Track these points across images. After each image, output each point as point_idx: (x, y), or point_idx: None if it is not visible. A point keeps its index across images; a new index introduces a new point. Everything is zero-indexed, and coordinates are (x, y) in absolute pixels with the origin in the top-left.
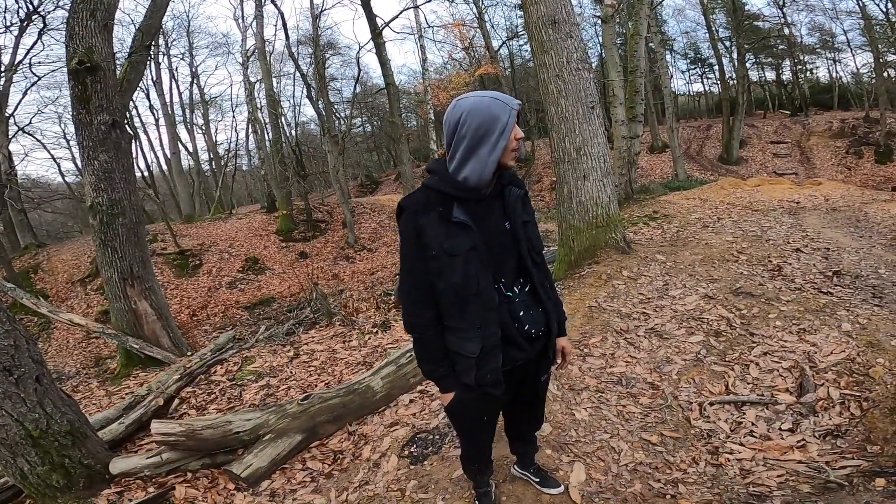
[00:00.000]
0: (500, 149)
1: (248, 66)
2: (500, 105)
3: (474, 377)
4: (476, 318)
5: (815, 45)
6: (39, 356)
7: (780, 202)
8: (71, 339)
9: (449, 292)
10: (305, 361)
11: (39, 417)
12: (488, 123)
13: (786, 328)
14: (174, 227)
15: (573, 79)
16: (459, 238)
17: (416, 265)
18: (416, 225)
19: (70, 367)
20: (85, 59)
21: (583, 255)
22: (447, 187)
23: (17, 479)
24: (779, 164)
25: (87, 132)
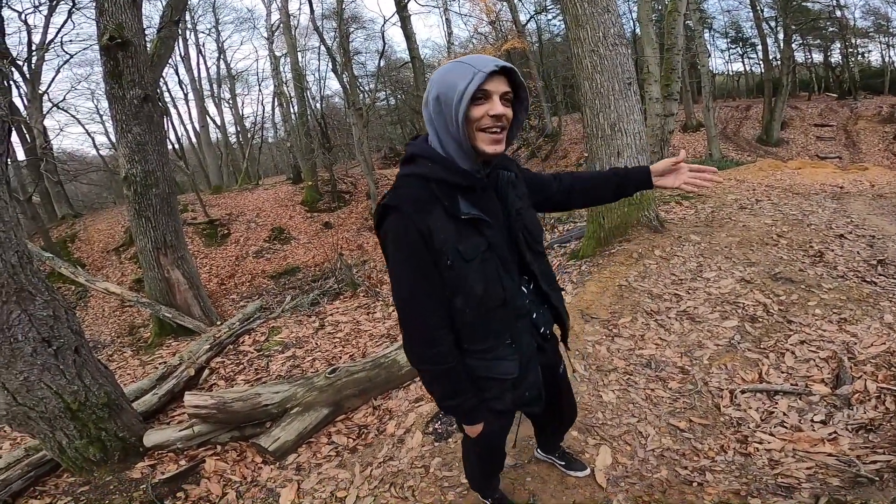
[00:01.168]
0: (457, 124)
1: (273, 41)
2: (461, 70)
3: (510, 399)
4: (505, 331)
5: (869, 29)
6: (78, 326)
7: (822, 186)
8: (106, 308)
9: (471, 309)
10: (330, 332)
11: (78, 390)
12: (445, 93)
13: (825, 317)
14: (203, 198)
15: (609, 54)
16: (473, 238)
17: (428, 280)
18: (422, 226)
19: (106, 336)
20: (116, 34)
21: (613, 233)
22: (447, 174)
23: (56, 452)
24: (822, 148)
25: (120, 106)
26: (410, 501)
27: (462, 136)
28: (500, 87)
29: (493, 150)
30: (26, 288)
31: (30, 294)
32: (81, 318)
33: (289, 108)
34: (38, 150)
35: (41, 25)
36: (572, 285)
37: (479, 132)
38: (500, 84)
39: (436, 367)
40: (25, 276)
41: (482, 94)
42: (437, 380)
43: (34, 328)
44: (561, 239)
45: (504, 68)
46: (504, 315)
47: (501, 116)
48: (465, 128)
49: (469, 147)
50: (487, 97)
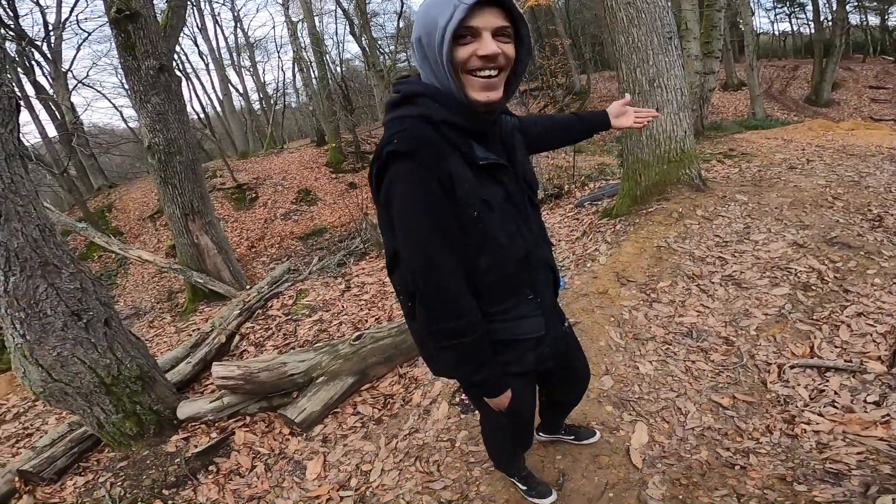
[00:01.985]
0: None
1: (288, 7)
2: (442, 2)
3: (533, 359)
4: (525, 285)
5: None
6: (107, 298)
7: (878, 148)
8: (145, 274)
9: (497, 266)
10: (356, 294)
11: (111, 363)
12: (427, 33)
13: (885, 287)
14: (231, 163)
15: (647, 6)
16: (491, 186)
17: (449, 239)
18: (443, 174)
19: (146, 302)
20: (123, 6)
21: (650, 191)
22: (458, 116)
23: (95, 428)
24: (876, 110)
25: (136, 77)
26: (435, 476)
27: (452, 83)
28: (491, 21)
29: (485, 98)
30: (51, 261)
31: (55, 267)
32: (123, 284)
33: (309, 72)
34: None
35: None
36: (606, 245)
37: (468, 76)
38: (492, 17)
39: (464, 339)
40: (49, 249)
41: (467, 31)
42: (464, 355)
43: (62, 302)
44: (592, 196)
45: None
46: (526, 268)
47: (495, 56)
48: (452, 74)
49: (461, 96)
50: (475, 34)
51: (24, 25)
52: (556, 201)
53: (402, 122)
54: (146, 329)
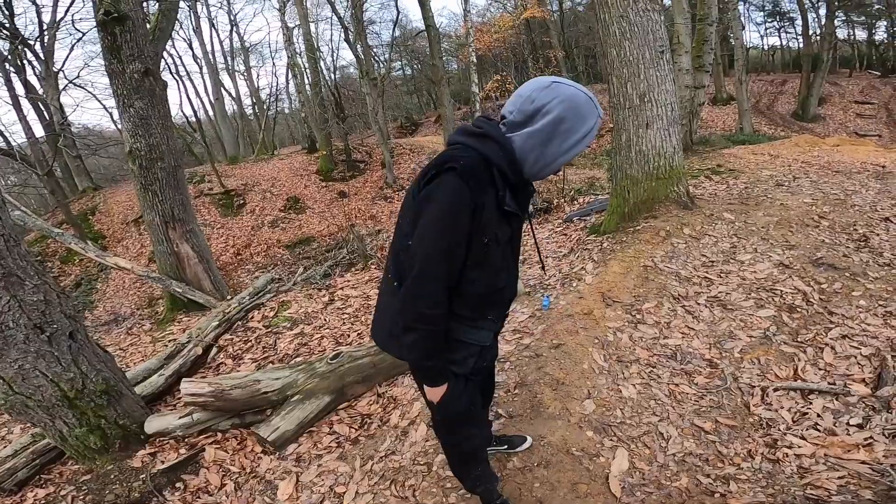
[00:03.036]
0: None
1: (284, 12)
2: (591, 108)
3: (472, 365)
4: (497, 308)
5: None
6: (73, 311)
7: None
8: (126, 280)
9: (482, 283)
10: (340, 308)
11: (75, 377)
12: (572, 121)
13: (870, 309)
14: (219, 168)
15: (640, 20)
16: (504, 227)
17: (458, 249)
18: (478, 202)
19: (126, 309)
20: (111, 9)
21: (638, 208)
22: (509, 168)
23: (58, 440)
24: (861, 125)
25: (120, 81)
26: (411, 501)
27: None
28: None
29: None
30: (14, 272)
31: (18, 279)
32: (103, 290)
33: (302, 79)
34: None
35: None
36: (593, 264)
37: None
38: None
39: (430, 326)
40: (13, 260)
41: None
42: (426, 339)
43: (25, 314)
44: (581, 212)
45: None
46: (500, 297)
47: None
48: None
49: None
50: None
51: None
52: (546, 216)
53: (468, 151)
54: (123, 336)
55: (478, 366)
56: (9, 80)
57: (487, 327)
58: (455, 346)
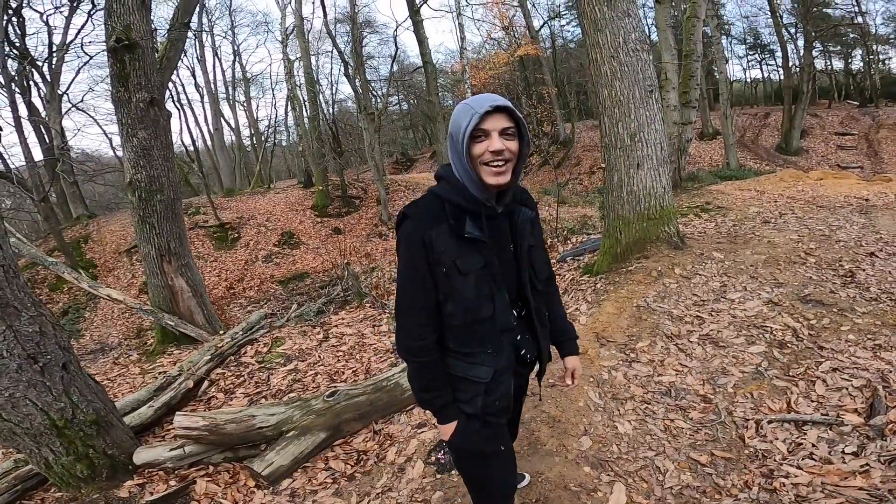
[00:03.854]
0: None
1: (287, 45)
2: (465, 109)
3: (480, 405)
4: (489, 340)
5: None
6: (66, 342)
7: (847, 198)
8: (115, 310)
9: (459, 315)
10: (334, 345)
11: (65, 407)
12: (454, 132)
13: (859, 343)
14: (215, 200)
15: (630, 60)
16: (472, 255)
17: (423, 282)
18: (425, 236)
19: (113, 338)
20: (123, 36)
21: (630, 249)
22: (458, 198)
23: (42, 468)
24: (843, 157)
25: (126, 110)
26: None
27: (470, 169)
28: (498, 123)
29: (495, 182)
30: (12, 303)
31: (15, 309)
32: (91, 318)
33: (301, 111)
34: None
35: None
36: (587, 305)
37: (483, 166)
38: (500, 121)
39: (416, 358)
40: (11, 291)
41: (481, 133)
42: (417, 371)
43: (19, 344)
44: (574, 251)
45: (498, 107)
46: (490, 327)
47: (501, 151)
48: (470, 162)
49: (477, 179)
50: (486, 134)
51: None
52: None
53: (423, 196)
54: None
55: (490, 405)
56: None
57: (485, 362)
58: (458, 383)
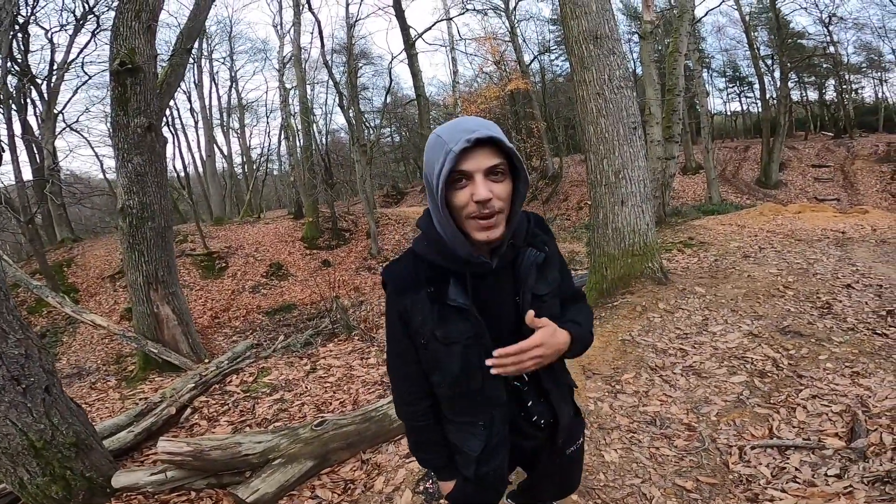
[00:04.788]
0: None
1: (283, 73)
2: (437, 145)
3: (474, 472)
4: (480, 414)
5: (861, 65)
6: (51, 366)
7: (824, 231)
8: (95, 335)
9: (445, 386)
10: (322, 376)
11: (45, 428)
12: (427, 171)
13: (837, 371)
14: (204, 229)
15: (615, 97)
16: (457, 324)
17: (403, 355)
18: (401, 307)
19: (91, 363)
20: (127, 59)
21: (616, 284)
22: (437, 257)
23: (16, 488)
24: (820, 190)
25: (123, 134)
26: None
27: (448, 223)
28: (482, 162)
29: (485, 238)
30: (0, 326)
31: (3, 332)
32: (69, 343)
33: (295, 141)
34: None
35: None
36: None
37: (467, 220)
38: (483, 158)
39: (408, 422)
40: (1, 314)
41: (461, 175)
42: (410, 433)
43: (4, 366)
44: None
45: (479, 139)
46: (480, 400)
47: (488, 200)
48: (446, 215)
49: (459, 234)
50: (468, 177)
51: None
52: None
53: (404, 254)
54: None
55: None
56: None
57: (476, 434)
58: (455, 448)
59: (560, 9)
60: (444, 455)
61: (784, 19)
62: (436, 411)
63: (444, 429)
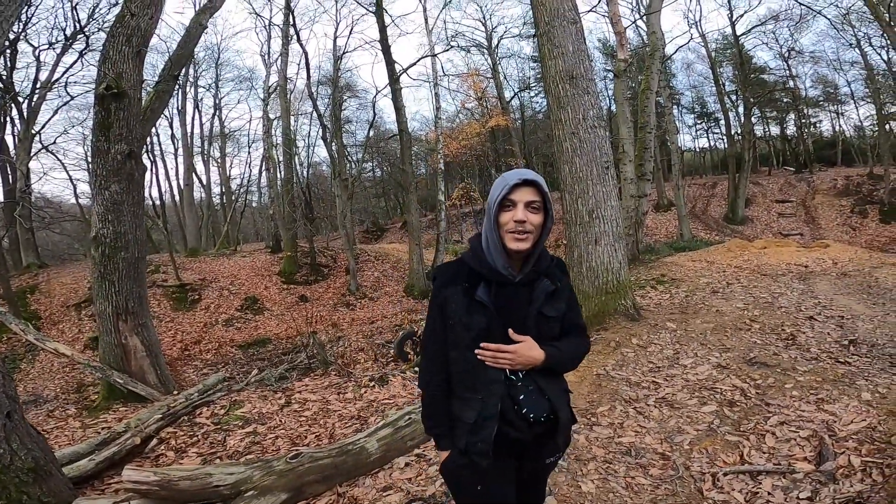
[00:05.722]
0: (490, 225)
1: (268, 103)
2: (498, 182)
3: (465, 443)
4: (481, 387)
5: (819, 98)
6: (14, 392)
7: (788, 265)
8: (55, 363)
9: (460, 361)
10: (297, 410)
11: (3, 453)
12: (488, 201)
13: (803, 398)
14: (178, 260)
15: (589, 136)
16: (477, 315)
17: (437, 331)
18: (443, 294)
19: (49, 391)
20: (113, 84)
21: (590, 322)
22: (476, 264)
23: None
24: (784, 225)
25: (102, 161)
26: None
27: (494, 234)
28: (525, 196)
29: (515, 247)
30: None
31: None
32: (27, 370)
33: (276, 172)
34: (17, 193)
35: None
36: None
37: (507, 234)
38: (527, 194)
39: (427, 391)
40: None
41: (509, 203)
42: (425, 402)
43: None
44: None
45: (526, 180)
46: (482, 378)
47: (523, 222)
48: (496, 228)
49: (499, 244)
50: (514, 205)
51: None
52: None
53: (454, 259)
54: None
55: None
56: None
57: (473, 407)
58: (455, 421)
59: (538, 49)
60: (446, 426)
61: (747, 55)
62: (448, 387)
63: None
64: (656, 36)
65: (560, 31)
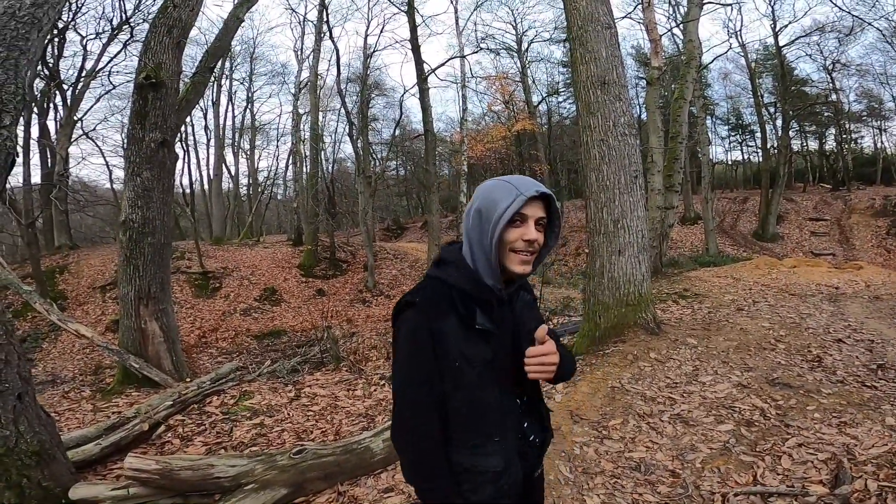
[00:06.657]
0: (490, 241)
1: (299, 98)
2: (505, 189)
3: (491, 491)
4: (494, 428)
5: (862, 113)
6: (28, 373)
7: (818, 286)
8: (76, 344)
9: (469, 406)
10: (305, 405)
11: (10, 435)
12: (486, 209)
13: (825, 420)
14: (203, 248)
15: (618, 144)
16: (480, 346)
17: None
18: (434, 329)
19: (68, 372)
20: (152, 74)
21: (609, 333)
22: (469, 286)
23: None
24: (816, 244)
25: (136, 148)
26: None
27: (492, 253)
28: (536, 211)
29: (521, 271)
30: None
31: None
32: (48, 349)
33: (302, 166)
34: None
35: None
36: (563, 384)
37: (511, 253)
38: (538, 209)
39: (419, 445)
40: None
41: (519, 218)
42: (417, 460)
43: None
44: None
45: (544, 194)
46: (497, 417)
47: (534, 241)
48: (496, 246)
49: (496, 265)
50: (524, 220)
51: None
52: None
53: (426, 282)
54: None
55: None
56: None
57: (494, 450)
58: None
59: (570, 53)
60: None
61: (788, 66)
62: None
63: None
64: (693, 44)
65: (593, 35)
